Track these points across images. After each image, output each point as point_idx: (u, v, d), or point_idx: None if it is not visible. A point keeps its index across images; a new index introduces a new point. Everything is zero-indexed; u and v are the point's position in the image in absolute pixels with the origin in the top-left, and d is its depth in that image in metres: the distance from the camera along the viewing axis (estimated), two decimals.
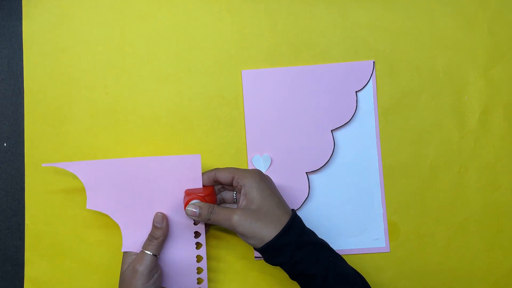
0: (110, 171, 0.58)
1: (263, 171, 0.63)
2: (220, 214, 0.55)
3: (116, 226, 0.59)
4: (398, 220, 0.64)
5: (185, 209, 0.57)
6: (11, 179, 0.64)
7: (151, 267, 0.55)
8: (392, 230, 0.64)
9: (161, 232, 0.57)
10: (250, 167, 0.63)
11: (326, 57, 0.64)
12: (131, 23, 0.65)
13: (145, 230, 0.58)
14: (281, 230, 0.54)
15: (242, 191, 0.56)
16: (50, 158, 0.64)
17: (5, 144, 0.65)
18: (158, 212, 0.58)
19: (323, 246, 0.56)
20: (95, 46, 0.65)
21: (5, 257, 0.64)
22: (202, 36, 0.65)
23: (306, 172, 0.64)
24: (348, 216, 0.64)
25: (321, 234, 0.60)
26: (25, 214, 0.64)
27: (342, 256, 0.57)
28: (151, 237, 0.57)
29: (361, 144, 0.64)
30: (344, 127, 0.64)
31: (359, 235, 0.63)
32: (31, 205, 0.64)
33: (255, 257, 0.63)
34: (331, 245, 0.57)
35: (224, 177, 0.57)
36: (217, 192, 0.60)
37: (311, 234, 0.57)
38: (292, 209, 0.58)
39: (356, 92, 0.64)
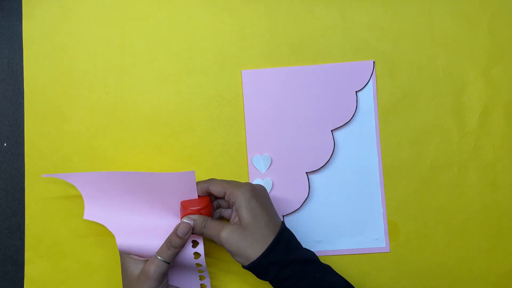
0: (108, 183, 0.58)
1: (263, 171, 0.63)
2: (211, 228, 0.55)
3: None
4: (398, 220, 0.64)
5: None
6: (11, 179, 0.64)
7: (164, 274, 0.55)
8: (392, 230, 0.64)
9: (181, 243, 0.56)
10: (250, 167, 0.64)
11: (326, 57, 0.64)
12: (131, 23, 0.65)
13: (141, 241, 0.58)
14: (266, 250, 0.53)
15: (234, 207, 0.56)
16: (50, 158, 0.64)
17: (5, 144, 0.65)
18: (185, 223, 0.56)
19: (310, 261, 0.55)
20: (95, 46, 0.65)
21: (5, 257, 0.64)
22: (202, 36, 0.65)
23: (306, 172, 0.64)
24: (348, 216, 0.64)
25: (321, 234, 0.60)
26: (25, 214, 0.64)
27: (342, 256, 0.57)
28: (170, 245, 0.56)
29: (361, 144, 0.64)
30: (344, 127, 0.64)
31: (359, 235, 0.63)
32: (31, 205, 0.64)
33: None
34: (331, 245, 0.57)
35: (216, 191, 0.57)
36: (213, 199, 0.60)
37: (298, 249, 0.56)
38: (282, 222, 0.57)
39: (356, 92, 0.64)
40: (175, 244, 0.56)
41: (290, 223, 0.63)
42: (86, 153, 0.64)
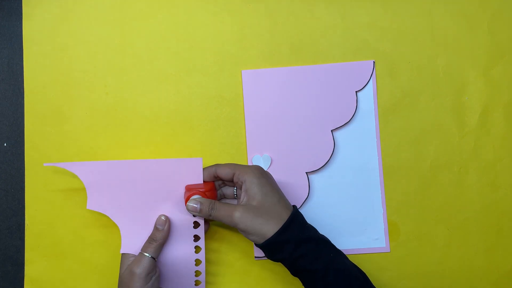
0: (111, 172, 0.58)
1: None
2: (221, 210, 0.55)
3: (116, 226, 0.59)
4: (398, 220, 0.64)
5: (186, 204, 0.57)
6: (11, 179, 0.64)
7: (149, 269, 0.55)
8: (392, 230, 0.64)
9: (162, 235, 0.57)
10: None
11: (326, 57, 0.64)
12: (131, 23, 0.65)
13: (145, 231, 0.58)
14: (282, 226, 0.54)
15: (243, 187, 0.56)
16: (50, 158, 0.64)
17: (5, 144, 0.65)
18: (162, 215, 0.58)
19: (324, 242, 0.56)
20: (95, 46, 0.65)
21: (5, 257, 0.64)
22: (202, 36, 0.65)
23: (306, 172, 0.64)
24: (348, 216, 0.64)
25: None
26: (25, 214, 0.64)
27: None
28: (151, 239, 0.57)
29: (361, 144, 0.64)
30: (344, 127, 0.64)
31: (359, 235, 0.63)
32: (31, 205, 0.64)
33: (255, 257, 0.63)
34: None
35: (224, 173, 0.57)
36: (217, 188, 0.60)
37: (312, 230, 0.57)
38: (293, 205, 0.58)
39: (356, 92, 0.64)
40: (155, 237, 0.56)
41: None
42: (86, 153, 0.64)
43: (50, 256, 0.63)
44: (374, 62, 0.64)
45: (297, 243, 0.54)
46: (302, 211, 0.63)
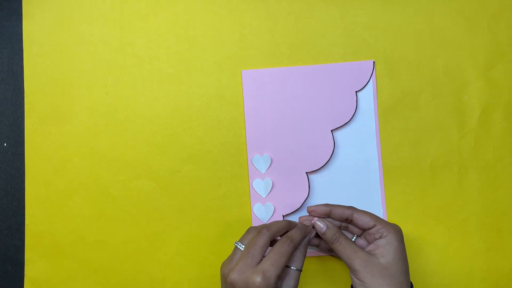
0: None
1: (263, 171, 0.63)
2: (347, 248, 0.54)
3: (116, 226, 0.59)
4: (398, 220, 0.64)
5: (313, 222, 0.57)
6: (11, 179, 0.64)
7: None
8: None
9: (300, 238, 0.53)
10: (250, 167, 0.64)
11: (326, 57, 0.64)
12: (131, 23, 0.65)
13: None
14: None
15: (380, 241, 0.54)
16: (50, 158, 0.64)
17: (5, 144, 0.65)
18: (317, 224, 0.55)
19: None
20: (95, 46, 0.65)
21: (5, 257, 0.64)
22: (202, 36, 0.65)
23: (306, 172, 0.64)
24: None
25: None
26: (25, 214, 0.64)
27: None
28: (290, 241, 0.51)
29: (361, 144, 0.64)
30: (344, 127, 0.64)
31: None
32: (31, 205, 0.64)
33: None
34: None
35: (363, 221, 0.56)
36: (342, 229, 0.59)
37: None
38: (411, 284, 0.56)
39: (356, 92, 0.64)
40: (292, 237, 0.52)
41: None
42: (86, 153, 0.64)
43: (50, 256, 0.63)
44: (374, 62, 0.64)
45: None
46: (302, 210, 0.63)
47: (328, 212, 0.57)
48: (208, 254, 0.63)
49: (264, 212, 0.63)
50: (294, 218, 0.63)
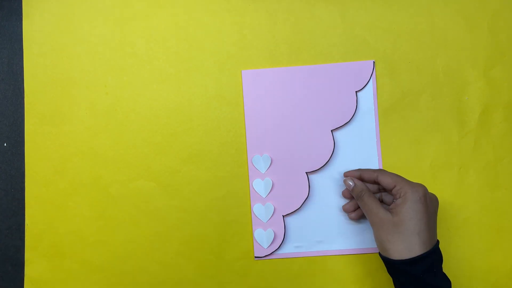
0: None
1: (263, 171, 0.63)
2: (367, 204, 0.58)
3: (116, 226, 0.59)
4: None
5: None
6: (11, 179, 0.64)
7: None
8: None
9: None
10: (250, 167, 0.64)
11: (326, 57, 0.64)
12: (131, 23, 0.65)
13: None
14: (406, 259, 0.53)
15: (398, 200, 0.55)
16: (50, 158, 0.64)
17: (5, 144, 0.65)
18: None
19: None
20: (95, 46, 0.65)
21: (5, 257, 0.64)
22: (202, 36, 0.65)
23: (306, 172, 0.64)
24: (348, 216, 0.64)
25: (321, 234, 0.60)
26: (25, 214, 0.64)
27: (342, 256, 0.57)
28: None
29: (361, 144, 0.64)
30: (344, 127, 0.64)
31: (359, 235, 0.63)
32: (31, 205, 0.64)
33: (255, 257, 0.63)
34: (331, 245, 0.57)
35: (386, 183, 0.57)
36: (376, 191, 0.61)
37: (437, 276, 0.54)
38: (437, 241, 0.56)
39: (356, 92, 0.64)
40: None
41: (290, 223, 0.63)
42: (86, 153, 0.64)
43: (50, 256, 0.63)
44: (374, 62, 0.64)
45: (411, 281, 0.53)
46: (302, 211, 0.63)
47: (358, 175, 0.61)
48: (208, 254, 0.63)
49: (264, 212, 0.63)
50: (294, 218, 0.63)
